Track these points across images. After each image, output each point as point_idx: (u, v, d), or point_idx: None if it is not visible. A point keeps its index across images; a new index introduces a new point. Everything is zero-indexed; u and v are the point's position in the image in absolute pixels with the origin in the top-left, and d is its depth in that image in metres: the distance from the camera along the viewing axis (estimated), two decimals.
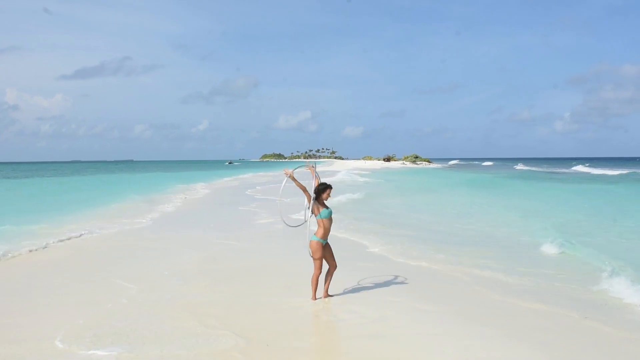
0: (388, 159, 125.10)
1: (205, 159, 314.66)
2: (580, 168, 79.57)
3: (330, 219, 7.47)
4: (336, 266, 7.67)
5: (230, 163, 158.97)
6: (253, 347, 5.70)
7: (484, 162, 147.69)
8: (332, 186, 7.65)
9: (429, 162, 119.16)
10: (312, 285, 7.54)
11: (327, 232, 7.47)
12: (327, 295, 7.65)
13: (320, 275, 7.52)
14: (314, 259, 7.46)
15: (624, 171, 59.54)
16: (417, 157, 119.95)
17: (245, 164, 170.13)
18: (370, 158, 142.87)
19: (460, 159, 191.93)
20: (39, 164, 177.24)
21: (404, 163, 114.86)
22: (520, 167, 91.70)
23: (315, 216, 7.44)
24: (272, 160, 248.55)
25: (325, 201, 7.54)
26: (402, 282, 8.61)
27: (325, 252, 7.55)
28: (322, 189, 7.48)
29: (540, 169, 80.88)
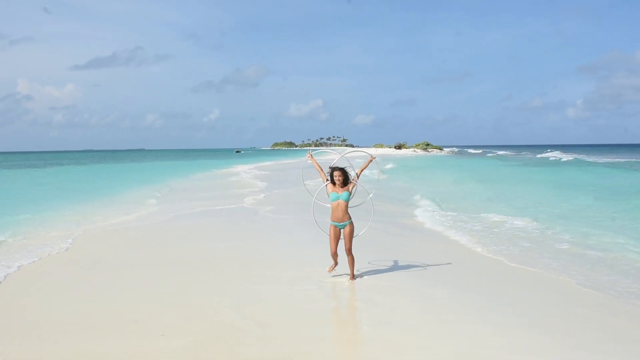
0: (399, 147, 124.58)
1: (216, 148, 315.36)
2: (547, 154, 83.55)
3: (337, 203, 7.91)
4: (347, 252, 7.99)
5: (238, 152, 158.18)
6: (268, 334, 5.79)
7: (475, 149, 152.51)
8: (340, 170, 7.97)
9: (441, 149, 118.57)
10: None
11: (334, 214, 7.96)
12: (352, 278, 8.06)
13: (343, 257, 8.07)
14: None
15: (570, 157, 66.22)
16: (428, 145, 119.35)
17: (256, 152, 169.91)
18: (381, 146, 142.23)
19: (459, 147, 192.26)
20: (55, 153, 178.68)
21: (415, 150, 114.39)
22: (495, 154, 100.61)
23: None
24: (284, 148, 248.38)
25: (337, 185, 7.95)
26: (410, 267, 8.69)
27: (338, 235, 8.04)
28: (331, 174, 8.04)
29: (512, 154, 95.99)
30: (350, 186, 7.93)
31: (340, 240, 7.98)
